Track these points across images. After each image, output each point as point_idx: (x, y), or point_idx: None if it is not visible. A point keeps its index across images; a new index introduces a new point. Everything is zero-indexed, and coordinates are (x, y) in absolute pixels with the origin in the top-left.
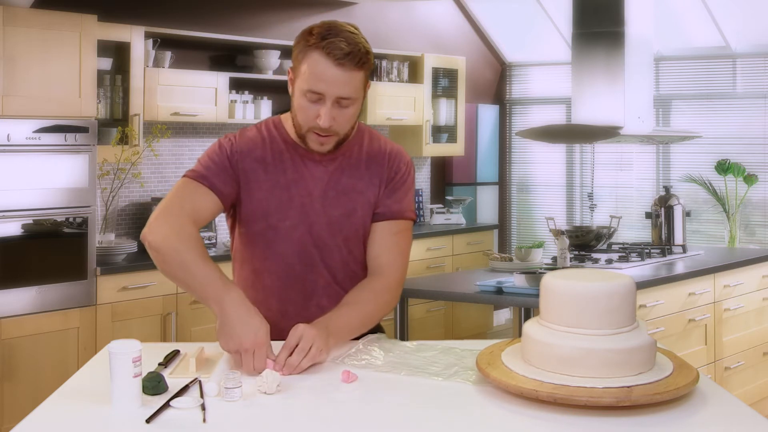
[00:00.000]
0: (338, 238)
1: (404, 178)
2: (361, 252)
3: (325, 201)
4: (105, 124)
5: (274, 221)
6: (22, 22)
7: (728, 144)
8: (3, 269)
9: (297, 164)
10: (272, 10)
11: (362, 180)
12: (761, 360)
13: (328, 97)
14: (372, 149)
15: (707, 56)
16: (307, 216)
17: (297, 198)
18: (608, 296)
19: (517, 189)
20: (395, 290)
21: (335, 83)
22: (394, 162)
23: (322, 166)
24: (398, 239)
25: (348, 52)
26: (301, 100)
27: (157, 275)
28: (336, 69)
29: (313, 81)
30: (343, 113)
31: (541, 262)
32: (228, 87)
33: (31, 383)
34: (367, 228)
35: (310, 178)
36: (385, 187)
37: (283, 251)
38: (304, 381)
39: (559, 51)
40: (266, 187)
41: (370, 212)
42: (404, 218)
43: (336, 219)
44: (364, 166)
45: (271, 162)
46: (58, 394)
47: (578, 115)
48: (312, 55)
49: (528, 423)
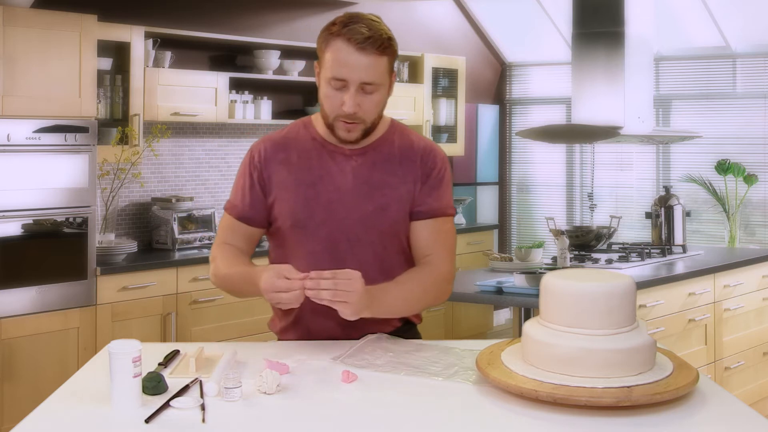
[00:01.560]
0: (372, 233)
1: (441, 174)
2: (396, 249)
3: (358, 196)
4: (105, 124)
5: (301, 219)
6: (22, 22)
7: (728, 144)
8: (3, 269)
9: (324, 161)
10: (272, 10)
11: (395, 176)
12: (761, 360)
13: (351, 83)
14: (404, 145)
15: (707, 56)
16: (335, 212)
17: (324, 194)
18: (608, 296)
19: (517, 189)
20: (446, 283)
21: (357, 68)
22: (428, 158)
23: (352, 161)
24: (444, 236)
25: (368, 36)
26: (326, 88)
27: (157, 275)
28: (358, 54)
29: (336, 67)
30: (368, 99)
31: (541, 262)
32: (228, 87)
33: (31, 383)
34: (401, 224)
35: (338, 173)
36: (422, 184)
37: (312, 248)
38: (304, 381)
39: (559, 51)
40: (291, 186)
41: (405, 208)
42: (446, 215)
43: (369, 214)
44: (396, 162)
45: (296, 162)
46: (58, 394)
47: (578, 115)
48: (334, 42)
49: (528, 423)
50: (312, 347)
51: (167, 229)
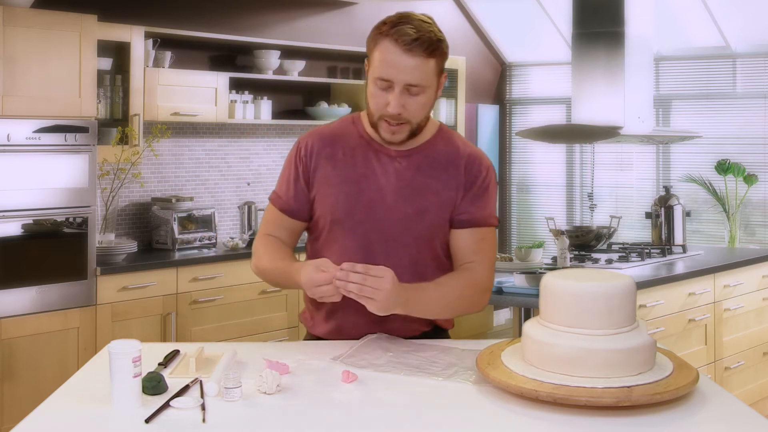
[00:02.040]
0: (409, 236)
1: (486, 183)
2: (430, 255)
3: (398, 197)
4: (105, 124)
5: (341, 215)
6: (22, 22)
7: (728, 144)
8: (3, 269)
9: (369, 159)
10: (272, 10)
11: (439, 180)
12: (761, 360)
13: (396, 84)
14: (450, 151)
15: (707, 56)
16: (375, 211)
17: (366, 193)
18: (608, 296)
19: (517, 189)
20: (484, 293)
21: (403, 69)
22: (473, 166)
23: (397, 162)
24: (485, 245)
25: (416, 38)
26: (373, 87)
27: (157, 275)
28: (404, 55)
29: (382, 67)
30: (414, 101)
31: (541, 262)
32: (228, 87)
33: (31, 383)
34: (438, 230)
35: (382, 173)
36: (465, 192)
37: (347, 246)
38: (304, 381)
39: (559, 51)
40: (335, 182)
41: (444, 215)
42: (489, 224)
43: (408, 216)
44: (441, 167)
45: (341, 158)
46: (58, 394)
47: (578, 115)
48: (382, 42)
49: (528, 423)
50: (312, 347)
51: (167, 229)
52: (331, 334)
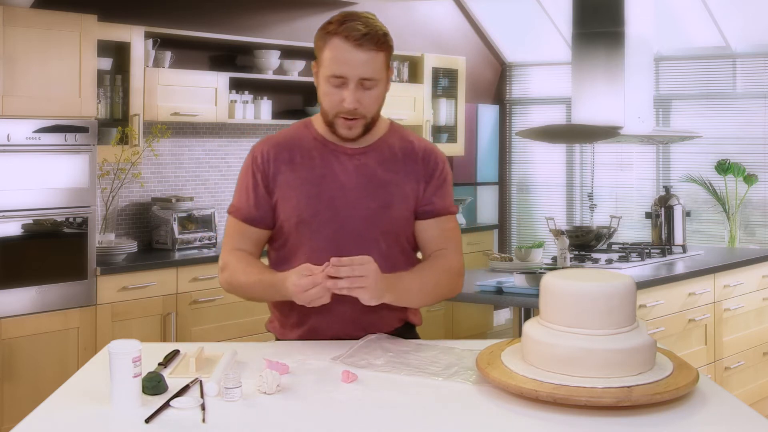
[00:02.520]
0: (375, 231)
1: (444, 174)
2: (398, 248)
3: (361, 193)
4: (105, 124)
5: (306, 216)
6: (22, 22)
7: (728, 144)
8: (3, 269)
9: (327, 159)
10: (272, 10)
11: (399, 174)
12: (761, 360)
13: (351, 79)
14: (405, 146)
15: (707, 56)
16: (339, 209)
17: (327, 192)
18: (608, 296)
19: (517, 189)
20: (458, 276)
21: (356, 64)
22: (429, 159)
23: (356, 159)
24: (452, 233)
25: (365, 33)
26: (326, 86)
27: (157, 275)
28: (356, 50)
29: (335, 65)
30: (368, 95)
31: (541, 262)
32: (228, 87)
33: (31, 383)
34: (404, 222)
35: (342, 171)
36: (426, 184)
37: (316, 246)
38: (304, 381)
39: (559, 51)
40: (296, 185)
41: (409, 207)
42: (451, 213)
43: (373, 211)
44: (399, 162)
45: (299, 161)
46: (58, 394)
47: (578, 115)
48: (332, 41)
49: (528, 423)
50: (312, 347)
51: (167, 229)
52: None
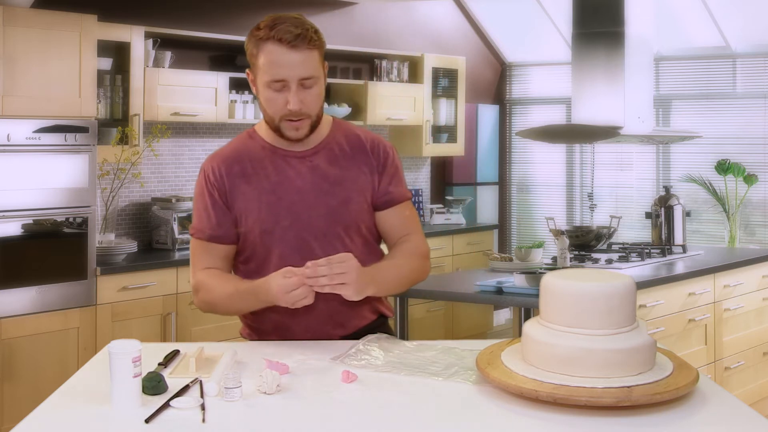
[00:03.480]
0: (338, 227)
1: (394, 162)
2: (361, 241)
3: (319, 193)
4: (105, 124)
5: (268, 226)
6: (22, 22)
7: (728, 144)
8: (3, 269)
9: (279, 166)
10: (272, 10)
11: (351, 170)
12: (761, 360)
13: (291, 81)
14: (351, 140)
15: (707, 56)
16: (300, 213)
17: (285, 198)
18: (608, 296)
19: (517, 189)
20: (426, 259)
21: (294, 66)
22: (377, 149)
23: (307, 161)
24: (411, 218)
25: (298, 33)
26: (267, 92)
27: (157, 275)
28: (291, 52)
29: (273, 69)
30: (309, 94)
31: (541, 262)
32: (228, 87)
33: (31, 383)
34: (363, 215)
35: (296, 176)
36: (379, 175)
37: (282, 252)
38: (304, 381)
39: (559, 51)
40: (253, 196)
41: (366, 199)
42: (407, 199)
43: (333, 208)
44: (349, 156)
45: (252, 172)
46: (58, 394)
47: (578, 115)
48: (265, 46)
49: (528, 423)
50: (312, 347)
51: (167, 229)
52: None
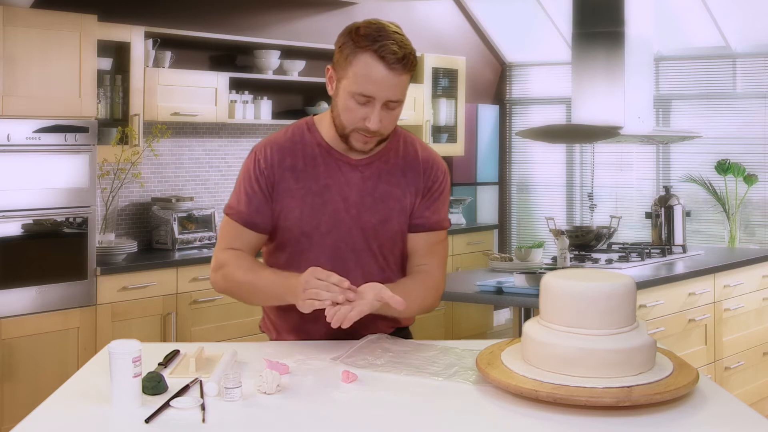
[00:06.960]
0: (373, 245)
1: (442, 187)
2: (394, 260)
3: (362, 207)
4: (105, 124)
5: (308, 228)
6: (22, 22)
7: (728, 144)
8: (3, 269)
9: (331, 169)
10: (272, 10)
11: (399, 187)
12: (761, 360)
13: (378, 100)
14: (408, 155)
15: (707, 56)
16: (341, 222)
17: (330, 204)
18: (608, 296)
19: (517, 189)
20: (438, 292)
21: (387, 87)
22: (430, 171)
23: (359, 171)
24: (438, 248)
25: (401, 56)
26: (349, 101)
27: (157, 275)
28: (388, 73)
29: (365, 84)
30: (390, 115)
31: (541, 262)
32: (228, 87)
33: (31, 383)
34: (400, 235)
35: (345, 183)
36: (422, 197)
37: (316, 258)
38: (304, 381)
39: (559, 51)
40: (299, 195)
41: (405, 220)
42: (442, 228)
43: (371, 226)
44: (400, 173)
45: (303, 168)
46: (58, 394)
47: (578, 115)
48: (362, 57)
49: (528, 423)
50: (312, 347)
51: (167, 229)
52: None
